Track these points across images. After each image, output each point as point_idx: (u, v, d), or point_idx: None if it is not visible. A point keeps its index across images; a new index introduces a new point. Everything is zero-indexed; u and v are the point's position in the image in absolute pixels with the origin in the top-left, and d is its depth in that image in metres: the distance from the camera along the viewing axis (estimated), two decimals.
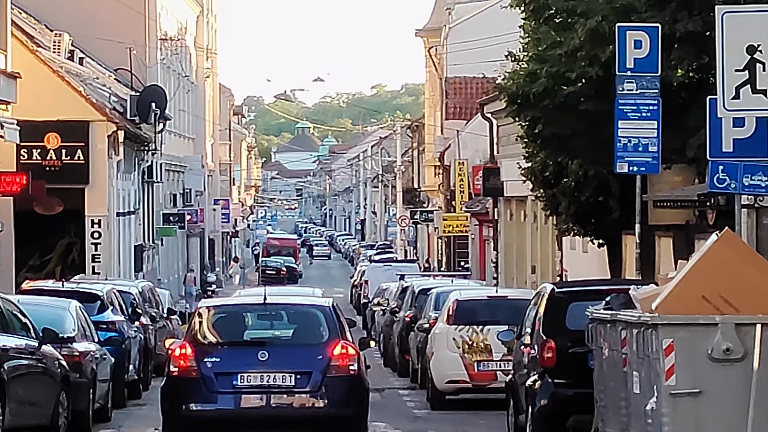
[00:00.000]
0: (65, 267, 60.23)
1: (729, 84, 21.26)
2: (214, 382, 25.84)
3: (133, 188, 75.62)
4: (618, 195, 38.54)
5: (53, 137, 61.81)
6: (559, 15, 38.90)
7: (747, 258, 20.46)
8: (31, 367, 28.41)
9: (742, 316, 19.07)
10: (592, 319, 23.53)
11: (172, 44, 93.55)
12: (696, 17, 32.21)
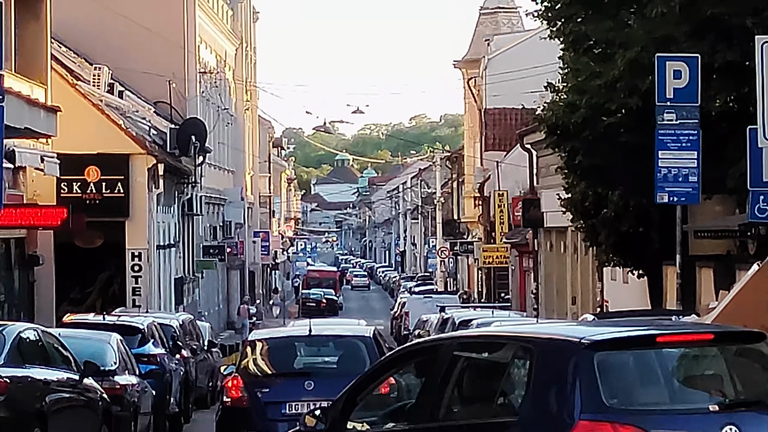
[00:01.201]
0: (106, 300, 60.15)
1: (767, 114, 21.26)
2: (264, 411, 25.97)
3: (173, 221, 75.54)
4: (658, 226, 38.46)
5: (93, 170, 61.77)
6: (598, 46, 38.89)
7: None
8: (73, 401, 28.43)
9: None
10: None
11: (211, 77, 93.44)
12: (735, 47, 32.15)
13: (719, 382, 16.23)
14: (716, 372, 16.58)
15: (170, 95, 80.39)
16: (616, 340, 16.81)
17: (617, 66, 37.27)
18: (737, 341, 17.52)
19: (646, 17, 36.45)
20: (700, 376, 16.67)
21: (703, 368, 16.71)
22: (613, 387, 15.63)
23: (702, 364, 16.64)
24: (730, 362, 16.64)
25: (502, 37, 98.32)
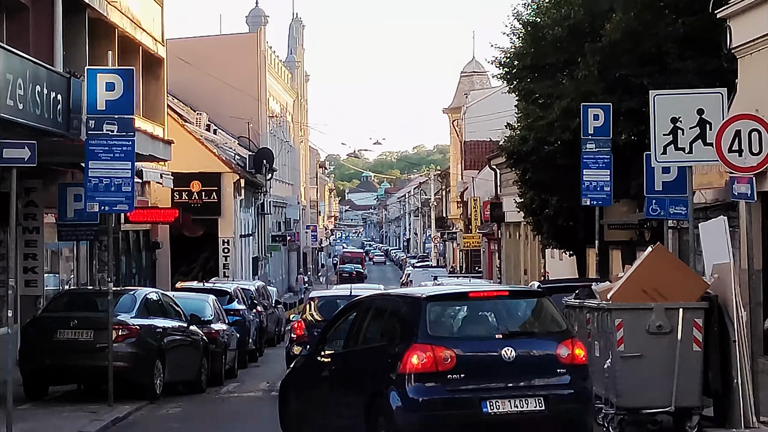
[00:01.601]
0: (205, 272, 60.46)
1: (659, 144, 21.20)
2: None
3: (251, 218, 75.66)
4: (583, 221, 38.31)
5: (196, 183, 62.09)
6: (542, 98, 38.86)
7: (672, 264, 20.47)
8: (182, 341, 28.89)
9: (670, 303, 19.08)
10: (567, 305, 23.36)
11: (276, 119, 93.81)
12: (635, 98, 32.06)
13: (506, 320, 19.08)
14: (506, 314, 19.32)
15: (249, 132, 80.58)
16: (441, 295, 20.79)
17: (555, 112, 37.18)
18: (525, 296, 21.25)
19: (575, 78, 36.34)
20: (494, 317, 19.14)
21: (498, 311, 19.16)
22: (436, 323, 18.82)
23: (498, 309, 19.21)
24: (516, 308, 19.84)
25: (476, 92, 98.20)
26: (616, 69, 34.77)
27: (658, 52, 34.40)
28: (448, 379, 17.76)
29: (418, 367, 17.55)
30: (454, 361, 17.77)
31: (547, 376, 17.88)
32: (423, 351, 17.71)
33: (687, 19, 34.13)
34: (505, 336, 18.41)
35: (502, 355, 17.99)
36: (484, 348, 18.55)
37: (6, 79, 21.41)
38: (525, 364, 18.29)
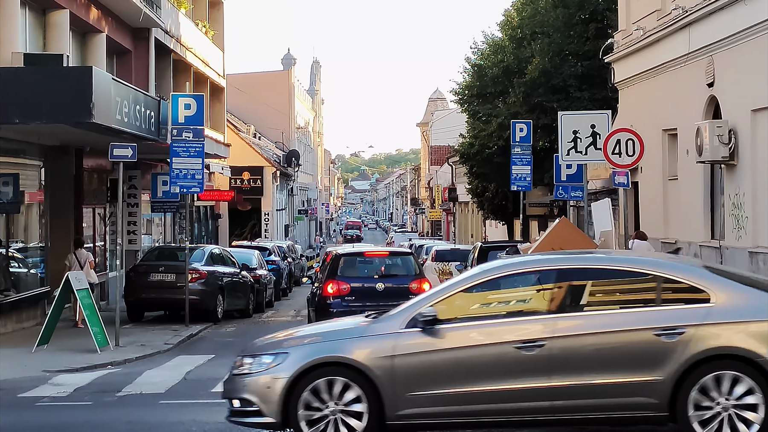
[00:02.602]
0: (252, 235, 60.66)
1: (564, 148, 21.22)
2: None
3: (284, 197, 75.42)
4: (512, 201, 38.35)
5: (246, 173, 62.03)
6: (484, 116, 38.62)
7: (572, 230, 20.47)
8: (236, 282, 28.86)
9: None
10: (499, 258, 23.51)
11: (301, 130, 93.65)
12: (549, 116, 32.00)
13: (383, 268, 22.66)
14: (384, 264, 22.97)
15: (282, 138, 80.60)
16: (349, 253, 24.24)
17: (492, 126, 37.06)
18: (398, 255, 24.47)
19: (506, 103, 36.25)
20: (377, 266, 22.88)
21: (380, 263, 23.03)
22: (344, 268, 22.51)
23: (380, 262, 23.18)
24: (391, 261, 23.47)
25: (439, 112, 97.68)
26: (535, 97, 34.71)
27: (564, 86, 34.38)
28: (346, 299, 21.72)
29: (330, 292, 21.61)
30: (349, 290, 21.80)
31: (402, 299, 19.11)
32: (334, 284, 21.77)
33: (584, 62, 34.22)
34: (380, 277, 22.32)
35: (376, 287, 21.98)
36: (367, 283, 22.21)
37: (116, 101, 21.43)
38: (390, 293, 21.55)
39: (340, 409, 9.76)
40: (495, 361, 9.75)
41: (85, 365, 17.77)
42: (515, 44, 37.50)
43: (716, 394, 9.48)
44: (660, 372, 9.54)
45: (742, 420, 9.40)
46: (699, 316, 9.69)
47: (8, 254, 23.39)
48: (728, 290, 9.89)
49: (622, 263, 10.62)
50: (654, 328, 9.65)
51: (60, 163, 26.21)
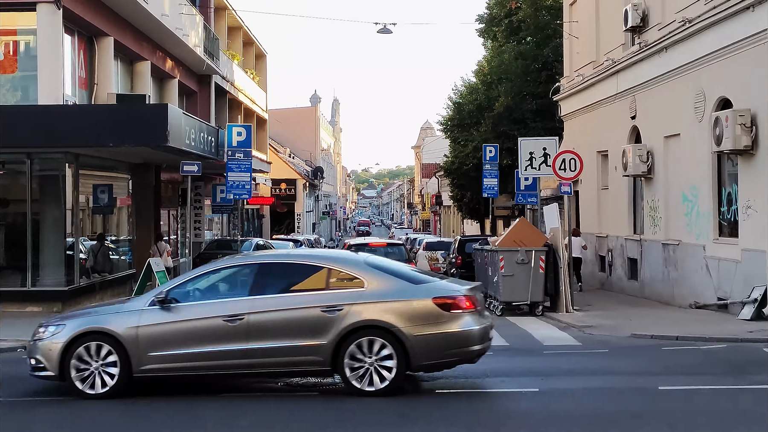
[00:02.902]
0: (287, 230, 60.46)
1: (523, 165, 21.22)
2: None
3: (311, 202, 75.17)
4: (483, 205, 38.28)
5: (283, 184, 61.92)
6: (463, 141, 38.66)
7: (529, 227, 20.46)
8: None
9: (527, 247, 19.08)
10: (474, 249, 23.42)
11: (324, 152, 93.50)
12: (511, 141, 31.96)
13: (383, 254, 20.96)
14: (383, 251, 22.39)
15: (311, 158, 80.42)
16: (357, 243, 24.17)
17: (469, 148, 37.09)
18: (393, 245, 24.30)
19: (479, 131, 36.21)
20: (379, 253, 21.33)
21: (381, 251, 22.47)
22: None
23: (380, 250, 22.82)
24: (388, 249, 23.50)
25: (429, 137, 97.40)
26: (501, 126, 34.68)
27: (523, 118, 34.36)
28: None
29: None
30: None
31: None
32: None
33: (538, 101, 34.18)
34: None
35: None
36: None
37: (185, 129, 21.47)
38: None
39: (101, 365, 10.20)
40: (210, 330, 10.15)
41: None
42: (486, 87, 37.60)
43: (365, 354, 9.91)
44: (325, 338, 9.93)
45: (383, 370, 9.90)
46: (354, 297, 10.11)
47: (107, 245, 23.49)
48: (377, 278, 10.27)
49: (303, 259, 11.09)
50: (321, 306, 10.06)
51: (143, 176, 26.27)
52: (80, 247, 21.01)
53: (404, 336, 9.87)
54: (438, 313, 9.97)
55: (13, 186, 20.28)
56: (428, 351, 9.95)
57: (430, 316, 9.96)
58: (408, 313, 9.98)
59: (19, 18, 19.97)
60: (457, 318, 10.03)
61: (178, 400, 10.20)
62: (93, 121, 19.17)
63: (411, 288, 10.24)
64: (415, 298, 10.10)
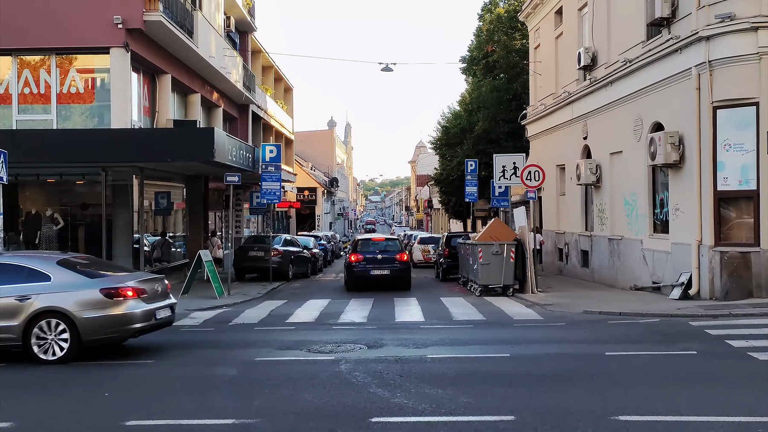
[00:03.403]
0: (309, 228, 60.41)
1: (496, 176, 21.18)
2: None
3: (329, 206, 74.47)
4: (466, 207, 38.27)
5: (306, 191, 61.82)
6: (449, 157, 38.58)
7: (502, 225, 20.43)
8: (301, 256, 28.23)
9: (501, 241, 19.05)
10: (458, 243, 23.39)
11: (339, 165, 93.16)
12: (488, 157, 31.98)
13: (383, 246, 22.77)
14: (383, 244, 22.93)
15: (328, 171, 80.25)
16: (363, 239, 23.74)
17: (454, 163, 37.01)
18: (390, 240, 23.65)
19: (463, 149, 36.20)
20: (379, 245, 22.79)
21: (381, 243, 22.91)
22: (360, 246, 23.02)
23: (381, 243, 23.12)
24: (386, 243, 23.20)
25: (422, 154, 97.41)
26: (480, 145, 34.68)
27: (497, 138, 34.34)
28: (361, 263, 21.98)
29: (353, 260, 22.12)
30: (363, 258, 22.09)
31: (392, 263, 21.97)
32: (354, 256, 22.19)
33: (509, 125, 34.15)
34: (379, 251, 22.34)
35: (377, 257, 22.08)
36: (373, 254, 22.26)
37: (228, 147, 21.47)
38: (384, 260, 22.06)
39: None
40: None
41: (209, 306, 17.72)
42: (467, 113, 37.56)
43: (48, 332, 10.23)
44: (17, 320, 10.18)
45: (62, 342, 10.22)
46: (41, 288, 10.32)
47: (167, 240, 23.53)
48: (62, 274, 10.45)
49: (18, 261, 10.86)
50: (16, 296, 10.29)
51: (195, 185, 26.29)
52: (144, 242, 21.06)
53: (75, 318, 10.18)
54: (103, 300, 10.28)
55: (92, 193, 20.35)
56: (95, 329, 10.24)
57: (97, 302, 10.26)
58: (80, 301, 10.26)
59: (96, 59, 20.00)
60: (121, 304, 10.34)
61: None
62: (155, 142, 19.21)
63: (86, 281, 10.47)
64: (86, 289, 10.35)
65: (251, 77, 32.10)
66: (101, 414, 7.32)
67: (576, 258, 23.79)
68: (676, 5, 16.55)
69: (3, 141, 17.57)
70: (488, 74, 37.67)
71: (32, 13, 19.34)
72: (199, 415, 7.20)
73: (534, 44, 29.08)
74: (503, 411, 7.12)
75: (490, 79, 37.00)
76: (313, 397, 7.78)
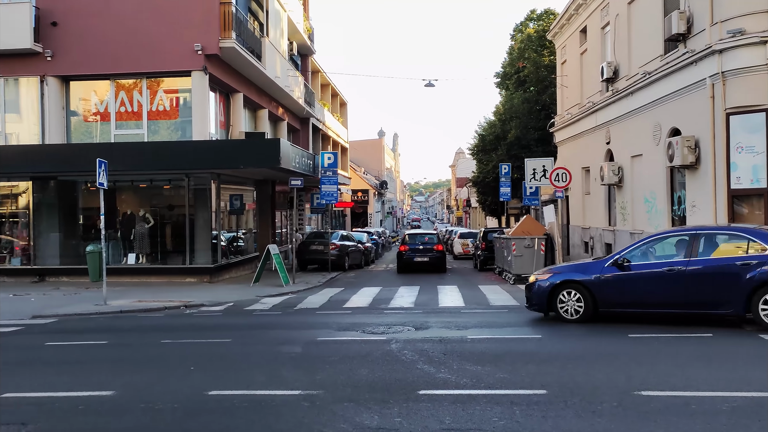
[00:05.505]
0: (362, 225, 60.55)
1: (527, 177, 20.95)
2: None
3: (379, 205, 74.82)
4: (500, 206, 37.93)
5: (359, 193, 62.02)
6: (486, 161, 38.24)
7: (533, 222, 20.21)
8: (355, 249, 28.18)
9: (532, 236, 18.86)
10: (494, 237, 23.20)
11: (388, 170, 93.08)
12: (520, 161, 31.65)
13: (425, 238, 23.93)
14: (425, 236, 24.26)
15: (379, 175, 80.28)
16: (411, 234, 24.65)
17: (489, 167, 36.67)
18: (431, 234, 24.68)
19: (497, 154, 35.86)
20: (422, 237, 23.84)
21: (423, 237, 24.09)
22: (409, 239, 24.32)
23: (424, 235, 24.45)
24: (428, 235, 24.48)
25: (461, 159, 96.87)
26: (513, 151, 34.33)
27: (528, 145, 33.97)
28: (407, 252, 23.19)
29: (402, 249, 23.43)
30: (408, 248, 23.33)
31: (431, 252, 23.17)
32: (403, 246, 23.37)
33: (539, 132, 33.77)
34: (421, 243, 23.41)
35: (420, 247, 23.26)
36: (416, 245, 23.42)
37: (292, 155, 21.69)
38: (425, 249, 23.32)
39: None
40: None
41: (277, 293, 17.81)
42: (501, 123, 37.17)
43: None
44: None
45: None
46: None
47: (238, 236, 23.86)
48: None
49: None
50: None
51: (263, 188, 26.62)
52: (221, 237, 21.40)
53: None
54: None
55: (176, 196, 20.78)
56: None
57: None
58: None
59: (179, 81, 20.46)
60: None
61: None
62: (229, 151, 19.53)
63: None
64: None
65: (311, 94, 32.37)
66: (188, 385, 7.46)
67: (600, 250, 23.37)
68: (691, 22, 16.20)
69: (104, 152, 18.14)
70: (519, 87, 37.29)
71: (127, 44, 19.92)
72: (269, 386, 7.30)
73: (561, 60, 28.68)
74: (536, 386, 7.04)
75: (522, 91, 36.62)
76: (367, 372, 7.82)
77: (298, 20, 29.86)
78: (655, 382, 7.15)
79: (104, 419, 6.22)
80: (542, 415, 6.08)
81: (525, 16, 40.56)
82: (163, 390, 7.29)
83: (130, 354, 9.46)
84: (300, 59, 32.10)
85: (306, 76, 32.71)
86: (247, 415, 6.25)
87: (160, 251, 20.56)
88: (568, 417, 6.01)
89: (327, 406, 6.50)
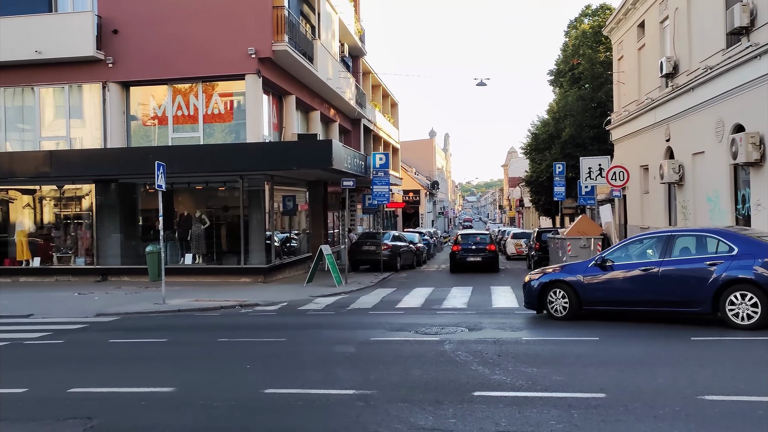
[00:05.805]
0: (414, 225, 60.39)
1: (583, 176, 20.59)
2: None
3: (431, 206, 74.55)
4: (554, 205, 37.39)
5: (411, 193, 61.94)
6: (539, 161, 37.78)
7: (589, 221, 19.86)
8: (407, 250, 28.01)
9: (588, 236, 18.52)
10: (548, 237, 22.86)
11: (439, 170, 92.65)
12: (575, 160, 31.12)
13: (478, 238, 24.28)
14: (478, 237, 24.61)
15: (430, 175, 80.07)
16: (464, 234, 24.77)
17: (543, 166, 36.21)
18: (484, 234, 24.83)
19: (551, 153, 35.37)
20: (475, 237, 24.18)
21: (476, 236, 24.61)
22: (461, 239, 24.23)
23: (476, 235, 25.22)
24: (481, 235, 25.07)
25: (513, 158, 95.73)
26: (567, 149, 33.80)
27: (583, 143, 33.37)
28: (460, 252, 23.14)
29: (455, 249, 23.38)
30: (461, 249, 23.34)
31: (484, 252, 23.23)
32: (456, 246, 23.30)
33: (594, 130, 33.14)
34: (474, 243, 23.53)
35: (472, 247, 23.31)
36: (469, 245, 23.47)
37: (344, 156, 21.82)
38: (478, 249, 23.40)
39: None
40: None
41: (330, 293, 17.90)
42: (555, 121, 36.64)
43: None
44: None
45: None
46: None
47: (291, 237, 24.13)
48: None
49: None
50: None
51: (316, 189, 26.86)
52: (275, 238, 21.69)
53: None
54: None
55: (231, 197, 21.18)
56: None
57: None
58: None
59: (234, 85, 20.85)
60: None
61: None
62: (282, 153, 19.79)
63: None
64: None
65: (362, 95, 32.53)
66: (244, 383, 7.57)
67: None
68: (754, 15, 15.62)
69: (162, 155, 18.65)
70: (574, 85, 36.66)
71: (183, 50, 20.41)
72: (324, 385, 7.34)
73: (618, 56, 28.05)
74: (594, 389, 6.86)
75: (576, 89, 35.99)
76: (421, 373, 7.79)
77: (349, 22, 30.03)
78: (719, 386, 6.90)
79: (165, 415, 6.32)
80: (601, 419, 5.95)
81: (580, 12, 39.86)
82: (221, 387, 7.39)
83: (189, 352, 9.64)
84: (351, 60, 32.29)
85: (357, 78, 32.88)
86: (303, 414, 6.30)
87: (215, 252, 20.95)
88: (629, 422, 5.86)
89: (381, 405, 6.49)
